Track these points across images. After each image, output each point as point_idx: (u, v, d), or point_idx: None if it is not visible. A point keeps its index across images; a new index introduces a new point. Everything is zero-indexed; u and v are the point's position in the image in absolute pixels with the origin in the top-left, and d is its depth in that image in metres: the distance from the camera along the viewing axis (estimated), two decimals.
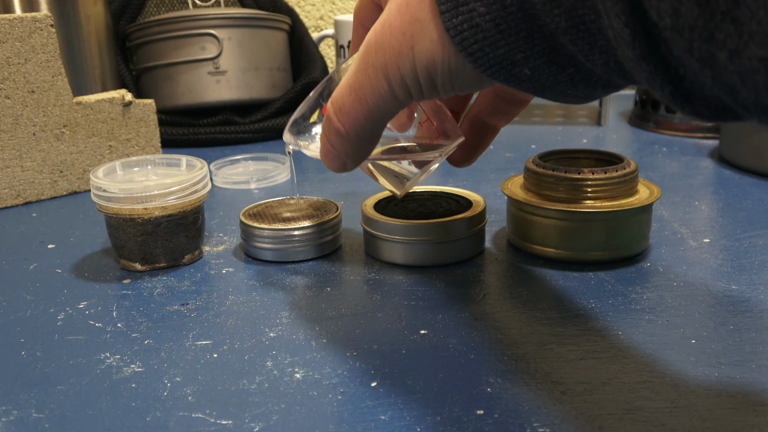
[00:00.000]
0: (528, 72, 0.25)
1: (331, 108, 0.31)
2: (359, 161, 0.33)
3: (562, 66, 0.24)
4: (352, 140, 0.31)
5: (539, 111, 0.99)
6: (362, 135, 0.31)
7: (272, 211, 0.49)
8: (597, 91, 0.26)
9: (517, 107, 0.38)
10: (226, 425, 0.30)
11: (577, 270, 0.44)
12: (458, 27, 0.25)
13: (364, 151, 0.32)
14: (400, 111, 0.31)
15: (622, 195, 0.45)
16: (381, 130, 0.32)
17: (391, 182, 0.41)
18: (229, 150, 0.80)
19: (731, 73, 0.18)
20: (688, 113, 0.21)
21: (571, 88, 0.25)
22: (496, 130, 0.40)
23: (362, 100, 0.30)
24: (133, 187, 0.44)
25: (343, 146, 0.32)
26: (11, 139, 0.60)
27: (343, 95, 0.30)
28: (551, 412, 0.30)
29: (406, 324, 0.38)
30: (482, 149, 0.40)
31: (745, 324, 0.37)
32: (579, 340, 0.36)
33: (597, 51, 0.22)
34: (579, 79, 0.25)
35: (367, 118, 0.30)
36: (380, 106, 0.29)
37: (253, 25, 0.84)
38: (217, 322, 0.39)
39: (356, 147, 0.32)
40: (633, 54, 0.20)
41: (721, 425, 0.29)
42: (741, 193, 0.59)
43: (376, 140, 0.32)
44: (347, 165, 0.33)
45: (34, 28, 0.59)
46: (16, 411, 0.31)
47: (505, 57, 0.25)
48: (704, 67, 0.19)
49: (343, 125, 0.31)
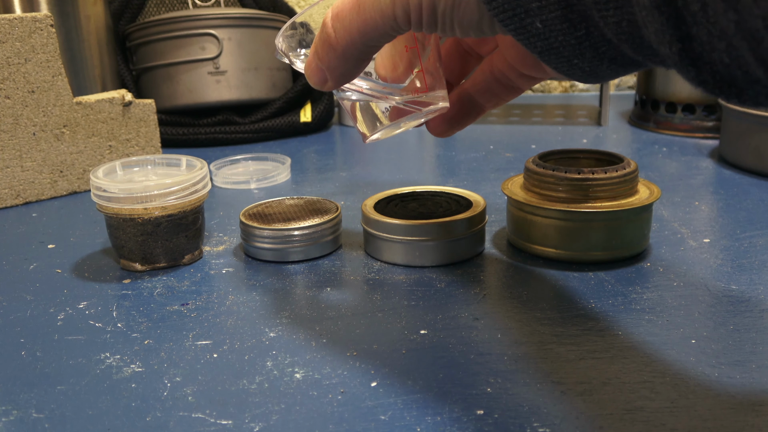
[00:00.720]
0: (539, 25, 0.24)
1: (329, 14, 0.30)
2: (340, 81, 0.32)
3: (575, 24, 0.24)
4: (339, 53, 0.30)
5: (539, 111, 0.99)
6: (352, 50, 0.30)
7: (272, 211, 0.49)
8: (603, 66, 0.25)
9: (510, 93, 0.38)
10: (226, 425, 0.30)
11: (577, 270, 0.44)
12: None
13: (349, 70, 0.31)
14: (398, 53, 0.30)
15: (622, 195, 0.45)
16: (370, 53, 0.31)
17: (367, 125, 0.39)
18: (229, 150, 0.80)
19: (756, 17, 0.18)
20: (692, 79, 0.21)
21: (578, 56, 0.25)
22: (483, 110, 0.39)
23: (361, 11, 0.29)
24: (133, 187, 0.44)
25: (329, 58, 0.31)
26: (11, 139, 0.60)
27: (344, 2, 0.29)
28: (551, 412, 0.30)
29: (406, 324, 0.38)
30: (463, 125, 0.39)
31: (745, 324, 0.37)
32: (579, 340, 0.36)
33: (613, 5, 0.22)
34: (587, 45, 0.24)
35: (360, 31, 0.29)
36: (377, 23, 0.29)
37: (253, 25, 0.85)
38: (217, 322, 0.39)
39: (342, 63, 0.31)
40: (648, 1, 0.20)
41: (721, 425, 0.29)
42: (741, 193, 0.59)
43: (363, 63, 0.31)
44: (327, 82, 0.32)
45: (34, 28, 0.59)
46: (16, 411, 0.31)
47: (520, 3, 0.24)
48: (729, 9, 0.18)
49: (336, 33, 0.30)
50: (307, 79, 0.33)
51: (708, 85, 0.21)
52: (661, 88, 0.84)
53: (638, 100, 0.89)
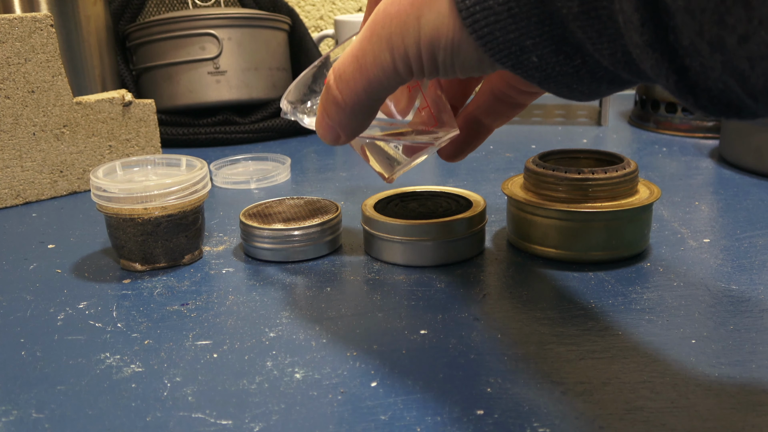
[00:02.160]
0: (535, 60, 0.25)
1: (332, 75, 0.31)
2: (353, 135, 0.33)
3: (570, 56, 0.24)
4: (348, 111, 0.31)
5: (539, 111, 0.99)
6: (359, 106, 0.31)
7: (272, 211, 0.49)
8: (602, 88, 0.26)
9: (514, 110, 0.38)
10: (226, 425, 0.30)
11: (577, 270, 0.44)
12: (471, 8, 0.25)
13: (359, 124, 0.32)
14: (399, 89, 0.30)
15: (622, 195, 0.45)
16: (378, 105, 0.31)
17: (381, 165, 0.40)
18: (229, 150, 0.80)
19: (741, 58, 0.18)
20: (691, 105, 0.22)
21: (577, 82, 0.25)
22: (490, 130, 0.40)
23: (363, 70, 0.29)
24: (133, 187, 0.44)
25: (339, 116, 0.32)
26: (11, 139, 0.60)
27: (345, 63, 0.30)
28: (551, 412, 0.30)
29: (406, 324, 0.38)
30: (474, 147, 0.40)
31: (745, 324, 0.37)
32: (579, 340, 0.36)
33: (606, 39, 0.22)
34: (585, 71, 0.25)
35: (366, 88, 0.30)
36: (380, 78, 0.29)
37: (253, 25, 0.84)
38: (217, 322, 0.39)
39: (352, 119, 0.31)
40: (641, 40, 0.21)
41: (721, 425, 0.29)
42: (741, 193, 0.59)
43: (372, 115, 0.32)
44: (341, 137, 0.33)
45: (34, 28, 0.59)
46: (16, 411, 0.31)
47: (515, 42, 0.25)
48: (714, 51, 0.19)
49: (341, 93, 0.31)
50: (321, 138, 0.34)
51: (708, 109, 0.21)
52: (661, 88, 0.84)
53: (638, 100, 0.89)
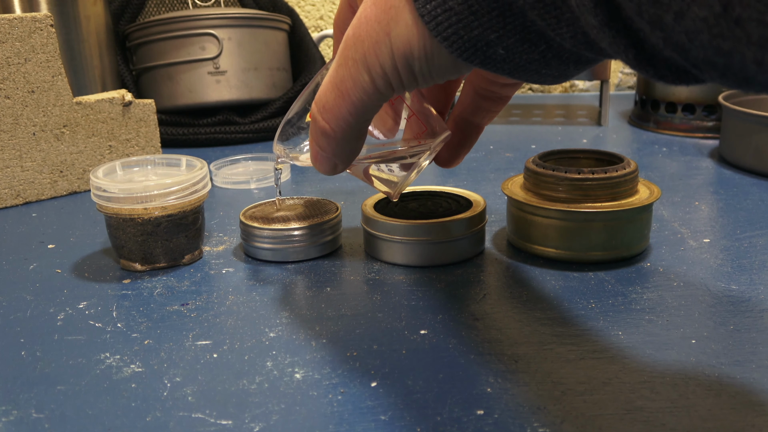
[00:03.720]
0: (502, 52, 0.25)
1: (315, 108, 0.31)
2: (349, 161, 0.33)
3: (535, 43, 0.25)
4: (338, 139, 0.31)
5: (539, 111, 0.99)
6: (348, 132, 0.31)
7: (272, 211, 0.49)
8: (570, 68, 0.26)
9: (499, 104, 0.39)
10: (226, 425, 0.30)
11: (577, 270, 0.44)
12: (432, 12, 0.25)
13: (352, 149, 0.32)
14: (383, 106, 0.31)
15: (622, 195, 0.45)
16: (366, 126, 0.32)
17: (385, 184, 0.41)
18: (229, 150, 0.80)
19: (679, 33, 0.19)
20: (652, 76, 0.22)
21: (545, 67, 0.26)
22: (480, 128, 0.40)
23: (345, 96, 0.29)
24: (133, 187, 0.44)
25: (331, 146, 0.32)
26: (11, 139, 0.60)
27: (326, 92, 0.30)
28: (551, 412, 0.30)
29: (406, 324, 0.38)
30: (468, 148, 0.41)
31: (745, 324, 0.37)
32: (579, 340, 0.36)
33: (564, 24, 0.23)
34: (551, 56, 0.25)
35: (351, 113, 0.30)
36: (363, 99, 0.29)
37: (253, 25, 0.84)
38: (217, 322, 0.39)
39: (343, 145, 0.32)
40: (596, 21, 0.21)
41: (721, 425, 0.29)
42: (741, 193, 0.59)
43: (362, 137, 0.32)
44: (338, 166, 0.33)
45: (34, 28, 0.59)
46: (16, 411, 0.31)
47: (480, 38, 0.25)
48: (654, 29, 0.19)
49: (328, 123, 0.31)
50: (319, 171, 0.34)
51: (668, 78, 0.22)
52: (661, 88, 0.84)
53: (638, 100, 0.89)
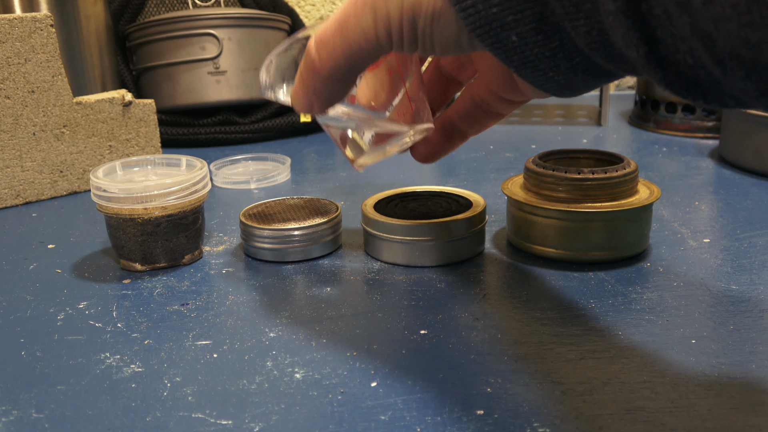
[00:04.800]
0: (515, 39, 0.25)
1: (313, 41, 0.31)
2: (326, 104, 0.33)
3: (548, 36, 0.25)
4: (324, 77, 0.31)
5: (539, 111, 0.99)
6: (336, 73, 0.31)
7: (272, 211, 0.49)
8: (577, 77, 0.26)
9: (491, 119, 0.38)
10: (226, 425, 0.30)
11: (577, 270, 0.44)
12: None
13: (333, 93, 0.32)
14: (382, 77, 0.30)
15: (622, 195, 0.45)
16: (354, 76, 0.31)
17: (351, 150, 0.39)
18: (229, 150, 0.80)
19: (706, 19, 0.19)
20: (660, 81, 0.22)
21: (553, 68, 0.26)
22: (465, 136, 0.40)
23: (344, 34, 0.29)
24: (133, 187, 0.44)
25: (314, 82, 0.31)
26: (11, 139, 0.60)
27: (328, 26, 0.30)
28: (551, 412, 0.30)
29: (406, 324, 0.38)
30: (446, 151, 0.40)
31: (745, 324, 0.37)
32: (579, 340, 0.36)
33: (582, 15, 0.23)
34: (562, 56, 0.25)
35: (345, 54, 0.30)
36: (360, 44, 0.29)
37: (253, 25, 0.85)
38: (217, 322, 0.39)
39: (326, 85, 0.31)
40: (614, 6, 0.21)
41: (721, 425, 0.29)
42: (741, 193, 0.59)
43: (347, 86, 0.32)
44: (314, 105, 0.33)
45: (34, 28, 0.59)
46: (16, 411, 0.31)
47: (496, 17, 0.25)
48: (682, 13, 0.19)
49: (320, 58, 0.31)
50: (293, 106, 0.34)
51: (675, 86, 0.22)
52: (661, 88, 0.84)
53: (638, 100, 0.89)
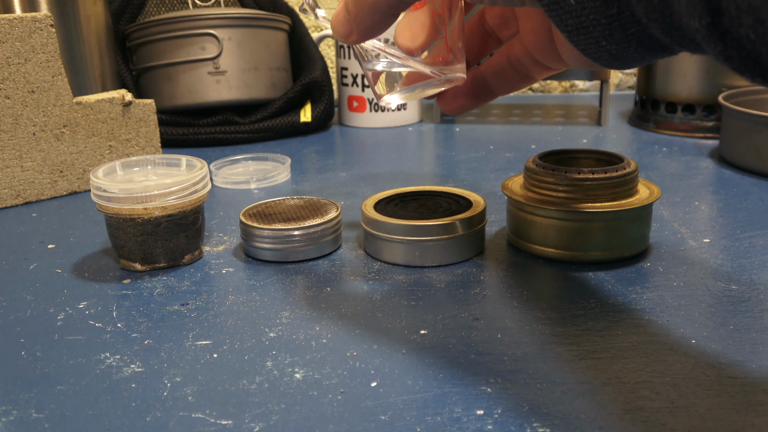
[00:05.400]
0: (572, 2, 0.25)
1: None
2: (365, 35, 0.33)
3: (607, 3, 0.24)
4: (369, 5, 0.31)
5: (539, 111, 0.99)
6: (381, 4, 0.31)
7: (272, 211, 0.49)
8: (630, 49, 0.26)
9: (523, 81, 0.38)
10: (226, 425, 0.30)
11: (577, 270, 0.44)
12: None
13: (376, 24, 0.32)
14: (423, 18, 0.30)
15: (622, 195, 0.45)
16: (399, 10, 0.31)
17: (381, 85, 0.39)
18: (229, 150, 0.80)
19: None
20: (718, 54, 0.21)
21: (607, 37, 0.25)
22: (494, 94, 0.40)
23: None
24: (133, 187, 0.44)
25: (358, 9, 0.31)
26: (11, 139, 0.60)
27: None
28: (551, 412, 0.30)
29: (406, 324, 0.38)
30: (473, 105, 0.40)
31: (745, 324, 0.37)
32: (579, 340, 0.36)
33: None
34: (618, 24, 0.25)
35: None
36: None
37: (253, 25, 0.84)
38: (217, 322, 0.39)
39: (370, 16, 0.31)
40: None
41: (721, 425, 0.29)
42: (741, 193, 0.59)
43: (390, 19, 0.32)
44: (353, 34, 0.33)
45: (34, 28, 0.59)
46: (16, 411, 0.31)
47: None
48: None
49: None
50: (332, 31, 0.33)
51: (734, 61, 0.21)
52: (661, 88, 0.84)
53: (638, 100, 0.89)
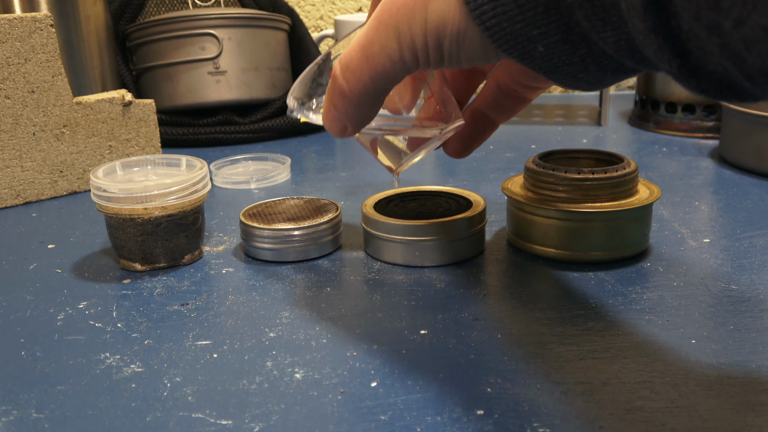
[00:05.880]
0: (542, 50, 0.25)
1: (338, 66, 0.31)
2: (360, 125, 0.33)
3: (576, 45, 0.25)
4: (354, 101, 0.31)
5: (539, 111, 0.99)
6: (365, 96, 0.31)
7: (272, 211, 0.49)
8: (607, 76, 0.26)
9: (519, 105, 0.39)
10: (226, 425, 0.30)
11: (577, 270, 0.44)
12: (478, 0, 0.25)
13: (366, 114, 0.32)
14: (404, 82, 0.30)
15: (622, 195, 0.45)
16: (384, 95, 0.31)
17: (389, 157, 0.40)
18: (229, 150, 0.80)
19: (737, 41, 0.19)
20: (694, 88, 0.22)
21: (582, 71, 0.26)
22: (495, 125, 0.40)
23: (369, 59, 0.29)
24: (133, 187, 0.44)
25: (345, 107, 0.32)
26: (11, 139, 0.60)
27: (352, 52, 0.30)
28: (551, 412, 0.30)
29: (406, 324, 0.38)
30: (479, 142, 0.41)
31: (745, 324, 0.37)
32: (579, 340, 0.36)
33: (610, 27, 0.23)
34: (590, 60, 0.25)
35: (372, 78, 0.30)
36: (387, 66, 0.29)
37: (253, 25, 0.84)
38: (217, 322, 0.39)
39: (358, 108, 0.32)
40: (644, 26, 0.21)
41: (721, 425, 0.29)
42: (741, 193, 0.59)
43: (378, 105, 0.32)
44: (348, 129, 0.33)
45: (34, 28, 0.59)
46: (16, 411, 0.31)
47: (521, 32, 0.25)
48: (711, 35, 0.19)
49: (348, 83, 0.31)
50: (327, 130, 0.34)
51: (710, 92, 0.22)
52: (661, 88, 0.84)
53: (638, 100, 0.89)
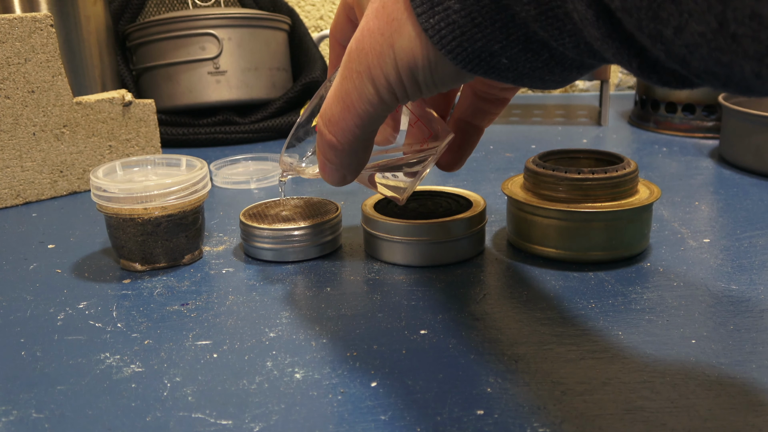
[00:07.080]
0: (506, 62, 0.25)
1: (321, 121, 0.31)
2: (357, 171, 0.34)
3: (537, 52, 0.25)
4: (346, 151, 0.32)
5: (539, 111, 0.99)
6: (355, 144, 0.31)
7: (272, 211, 0.49)
8: (572, 74, 0.26)
9: (498, 106, 0.39)
10: (226, 425, 0.30)
11: (577, 270, 0.44)
12: (435, 27, 0.25)
13: (360, 160, 0.33)
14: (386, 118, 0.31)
15: (622, 195, 0.45)
16: (373, 137, 0.32)
17: (390, 191, 0.41)
18: (229, 150, 0.80)
19: (679, 46, 0.19)
20: (656, 83, 0.22)
21: (548, 74, 0.26)
22: (481, 130, 0.40)
23: (350, 108, 0.30)
24: (133, 187, 0.44)
25: (339, 158, 0.32)
26: (11, 139, 0.60)
27: (331, 106, 0.31)
28: (551, 412, 0.30)
29: (406, 324, 0.38)
30: (469, 150, 0.41)
31: (745, 324, 0.37)
32: (579, 340, 0.36)
33: (566, 35, 0.23)
34: (554, 63, 0.25)
35: (357, 125, 0.30)
36: (369, 111, 0.30)
37: (253, 25, 0.85)
38: (217, 322, 0.39)
39: (351, 156, 0.32)
40: (599, 33, 0.21)
41: (721, 425, 0.29)
42: (741, 193, 0.59)
43: (369, 147, 0.32)
44: (346, 177, 0.34)
45: (34, 28, 0.59)
46: (16, 411, 0.31)
47: (483, 49, 0.25)
48: (655, 42, 0.20)
49: (335, 136, 0.31)
50: (328, 182, 0.35)
51: (671, 84, 0.22)
52: (661, 89, 0.84)
53: (638, 100, 0.89)
